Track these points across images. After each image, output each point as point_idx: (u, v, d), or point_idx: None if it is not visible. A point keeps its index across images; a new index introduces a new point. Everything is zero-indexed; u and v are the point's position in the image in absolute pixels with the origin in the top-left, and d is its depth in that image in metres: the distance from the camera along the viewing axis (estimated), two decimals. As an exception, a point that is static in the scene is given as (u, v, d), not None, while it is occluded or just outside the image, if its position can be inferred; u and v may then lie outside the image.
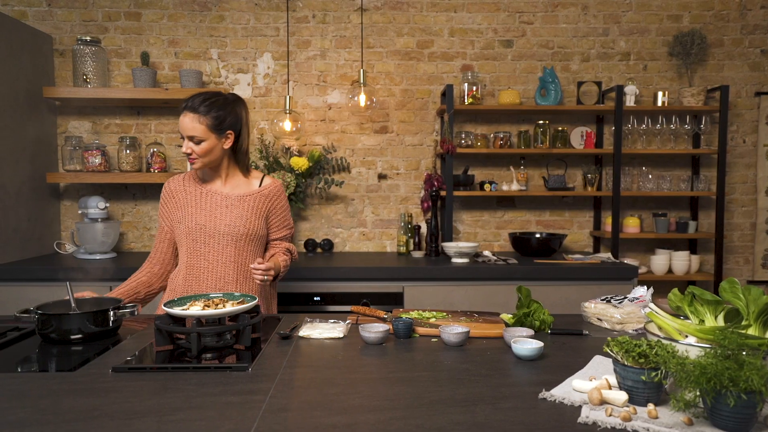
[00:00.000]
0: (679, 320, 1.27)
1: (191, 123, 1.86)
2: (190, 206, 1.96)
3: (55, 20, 3.43)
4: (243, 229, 1.94)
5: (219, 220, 1.93)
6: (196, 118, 1.86)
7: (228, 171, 2.00)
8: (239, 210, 1.96)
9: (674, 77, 3.59)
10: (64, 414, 1.06)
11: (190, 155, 1.89)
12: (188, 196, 1.98)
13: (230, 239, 1.93)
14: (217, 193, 1.97)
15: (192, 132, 1.86)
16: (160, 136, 3.50)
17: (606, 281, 2.93)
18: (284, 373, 1.29)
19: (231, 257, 1.94)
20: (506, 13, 3.54)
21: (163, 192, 2.04)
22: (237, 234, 1.93)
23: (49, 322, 1.52)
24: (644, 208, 3.64)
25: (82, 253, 3.17)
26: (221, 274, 1.93)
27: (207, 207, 1.95)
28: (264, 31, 3.50)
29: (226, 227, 1.93)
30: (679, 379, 0.99)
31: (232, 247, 1.94)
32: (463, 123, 3.58)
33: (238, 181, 2.02)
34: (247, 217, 1.96)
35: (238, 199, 1.97)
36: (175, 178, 2.05)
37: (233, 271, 1.94)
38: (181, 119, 1.88)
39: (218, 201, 1.96)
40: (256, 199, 2.00)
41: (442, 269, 2.93)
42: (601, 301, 1.77)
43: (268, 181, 2.06)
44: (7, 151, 2.93)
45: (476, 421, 1.03)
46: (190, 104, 1.87)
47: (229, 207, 1.95)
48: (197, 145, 1.88)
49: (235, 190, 1.99)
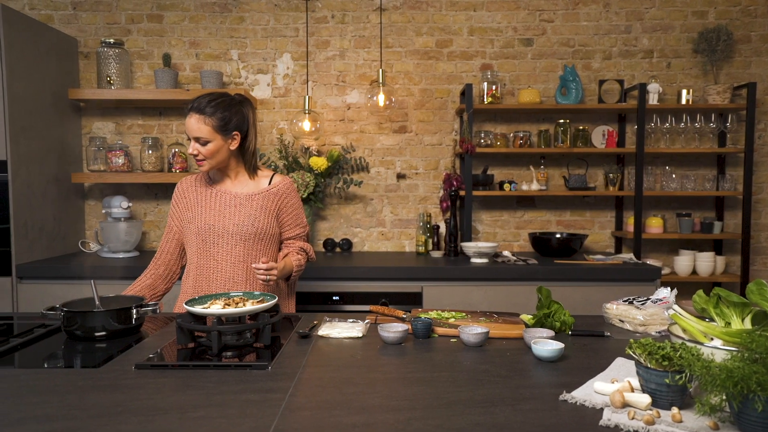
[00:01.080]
0: (705, 322, 1.24)
1: (197, 124, 1.85)
2: (200, 206, 1.96)
3: (80, 23, 3.50)
4: (251, 228, 1.93)
5: (228, 219, 1.93)
6: (202, 119, 1.85)
7: (236, 171, 2.00)
8: (248, 209, 1.95)
9: (699, 74, 3.53)
10: (89, 409, 1.08)
11: (197, 156, 1.89)
12: (198, 197, 1.99)
13: (239, 239, 1.93)
14: (226, 192, 1.97)
15: (198, 133, 1.85)
16: (182, 136, 3.55)
17: (628, 282, 2.89)
18: (303, 372, 1.30)
19: (240, 257, 1.94)
20: (526, 12, 3.51)
21: (174, 192, 2.06)
22: (245, 233, 1.93)
23: (74, 319, 1.55)
24: (667, 208, 3.58)
25: (105, 252, 3.23)
26: (230, 274, 1.93)
27: (216, 207, 1.95)
28: (283, 32, 3.52)
29: (235, 227, 1.93)
30: (704, 383, 0.98)
31: (241, 247, 1.93)
32: (483, 122, 3.56)
33: (247, 180, 2.01)
34: (256, 216, 1.95)
35: (246, 198, 1.97)
36: (187, 178, 2.06)
37: (242, 270, 1.94)
38: (187, 120, 1.87)
39: (227, 201, 1.96)
40: (265, 198, 1.99)
41: (462, 269, 2.91)
42: (623, 302, 1.74)
43: (277, 179, 2.04)
44: (34, 152, 3.00)
45: (496, 422, 1.02)
46: (196, 105, 1.87)
47: (237, 206, 1.95)
48: (203, 146, 1.87)
49: (244, 190, 1.99)
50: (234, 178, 2.00)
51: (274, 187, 2.02)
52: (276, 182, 2.03)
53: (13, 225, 2.83)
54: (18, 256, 2.85)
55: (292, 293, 2.14)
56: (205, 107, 1.86)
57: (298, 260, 2.04)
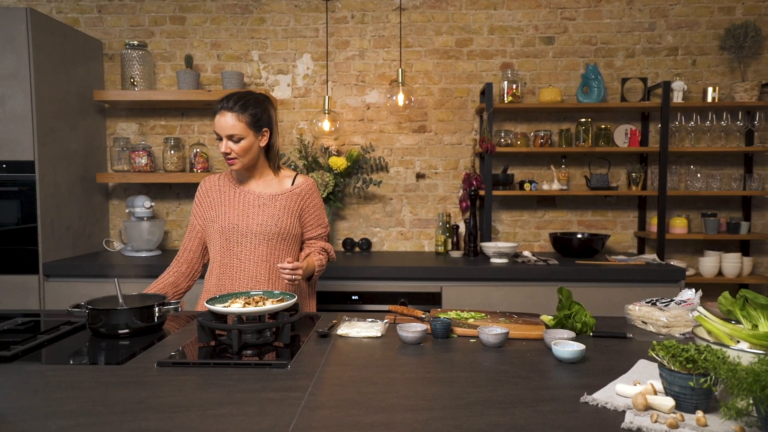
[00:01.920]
0: (731, 325, 1.22)
1: (231, 121, 1.87)
2: (223, 205, 1.98)
3: (105, 26, 3.56)
4: (275, 228, 1.95)
5: (251, 219, 1.95)
6: (235, 116, 1.87)
7: (262, 171, 2.02)
8: (271, 209, 1.97)
9: (725, 72, 3.45)
10: (112, 406, 1.10)
11: (229, 155, 1.90)
12: (222, 196, 2.00)
13: (262, 238, 1.94)
14: (250, 192, 1.99)
15: (232, 130, 1.87)
16: (203, 136, 3.59)
17: (651, 283, 2.84)
18: (322, 371, 1.30)
19: (263, 256, 1.95)
20: (547, 10, 3.48)
21: (198, 191, 2.07)
22: (269, 233, 1.94)
23: (99, 317, 1.58)
24: (692, 208, 3.51)
25: (129, 251, 3.28)
26: (253, 273, 1.94)
27: (240, 206, 1.97)
28: (303, 32, 3.54)
29: (258, 226, 1.94)
30: (730, 386, 0.96)
31: (264, 246, 1.95)
32: (503, 122, 3.54)
33: (271, 180, 2.03)
34: (279, 216, 1.96)
35: (270, 198, 1.98)
36: (211, 177, 2.08)
37: (265, 270, 1.95)
38: (218, 119, 1.89)
39: (251, 200, 1.98)
40: (288, 198, 2.00)
41: (481, 269, 2.90)
42: (646, 303, 1.72)
43: (300, 179, 2.06)
44: (60, 152, 3.06)
45: (515, 423, 1.01)
46: (227, 104, 1.88)
47: (261, 206, 1.97)
48: (236, 144, 1.89)
49: (268, 189, 2.01)
50: (259, 177, 2.02)
51: (297, 187, 2.03)
52: (299, 182, 2.04)
53: (41, 224, 2.89)
54: (45, 254, 2.92)
55: (313, 293, 2.16)
56: (235, 105, 1.88)
57: (320, 260, 2.05)
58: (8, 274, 2.89)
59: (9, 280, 2.89)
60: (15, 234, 2.88)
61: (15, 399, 1.13)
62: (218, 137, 1.92)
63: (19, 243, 2.88)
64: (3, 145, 2.84)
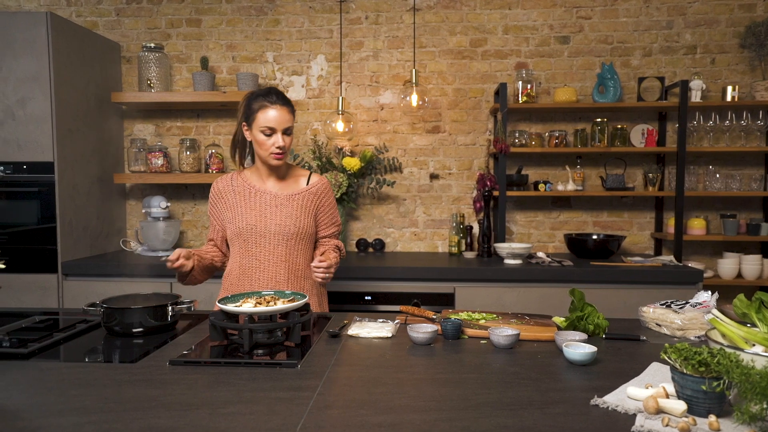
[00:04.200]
0: (746, 328, 1.20)
1: (288, 114, 1.90)
2: (239, 206, 1.98)
3: (123, 29, 3.61)
4: (293, 228, 1.96)
5: (269, 219, 1.95)
6: (287, 109, 1.90)
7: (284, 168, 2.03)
8: (289, 209, 1.97)
9: (746, 71, 3.39)
10: (125, 403, 1.11)
11: (281, 149, 1.89)
12: (237, 197, 2.00)
13: (281, 239, 1.95)
14: (266, 192, 1.99)
15: (288, 123, 1.90)
16: (218, 137, 3.62)
17: (668, 285, 2.80)
18: (332, 371, 1.31)
19: (282, 256, 1.96)
20: (563, 9, 3.45)
21: (211, 192, 2.06)
22: (288, 233, 1.95)
23: (113, 315, 1.60)
24: (711, 209, 3.46)
25: (145, 251, 3.32)
26: (273, 274, 1.95)
27: (257, 207, 1.97)
28: (318, 34, 3.55)
29: (277, 227, 1.95)
30: (743, 391, 0.94)
31: (283, 247, 1.96)
32: (517, 122, 3.51)
33: (288, 179, 2.04)
34: (297, 215, 1.97)
35: (287, 198, 1.99)
36: (223, 178, 2.07)
37: (285, 270, 1.96)
38: (270, 114, 1.87)
39: (267, 200, 1.98)
40: (305, 198, 2.01)
41: (495, 270, 2.88)
42: (660, 305, 1.69)
43: (315, 178, 2.07)
44: (79, 153, 3.11)
45: (524, 425, 1.01)
46: (277, 98, 1.89)
47: (278, 206, 1.97)
48: (288, 137, 1.91)
49: (284, 189, 2.01)
50: (279, 175, 2.02)
51: (312, 186, 2.04)
52: (314, 182, 2.05)
53: (59, 224, 2.94)
54: (63, 254, 2.97)
55: (324, 293, 2.16)
56: (284, 98, 1.91)
57: (335, 258, 2.05)
58: (28, 272, 2.94)
59: (29, 279, 2.94)
60: (35, 234, 2.94)
61: (30, 395, 1.16)
62: (267, 133, 1.89)
63: (39, 242, 2.94)
64: (23, 146, 2.90)
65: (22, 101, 2.88)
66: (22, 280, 2.94)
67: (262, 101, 1.89)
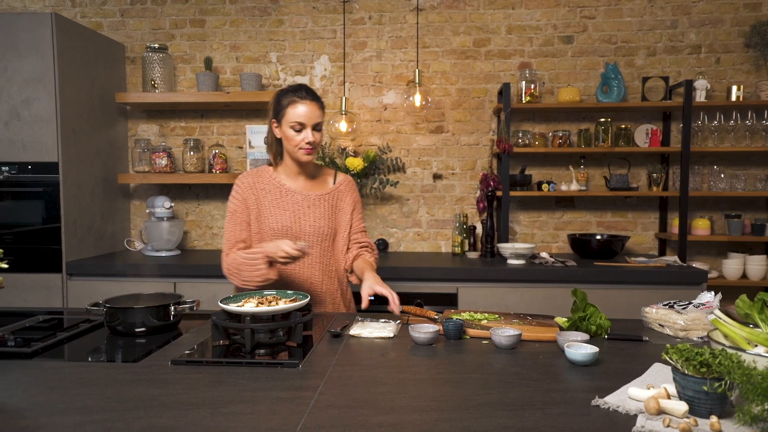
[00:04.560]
0: (748, 328, 1.19)
1: (318, 110, 1.87)
2: (272, 206, 1.93)
3: (128, 29, 3.63)
4: (327, 229, 1.94)
5: (303, 221, 1.92)
6: (317, 105, 1.87)
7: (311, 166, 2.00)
8: (321, 209, 1.95)
9: (751, 70, 3.38)
10: (126, 402, 1.12)
11: (311, 145, 1.86)
12: (267, 195, 1.95)
13: (315, 240, 1.92)
14: (297, 192, 1.95)
15: (318, 118, 1.87)
16: (222, 138, 3.63)
17: (672, 286, 2.79)
18: (333, 371, 1.31)
19: (316, 258, 1.93)
20: (566, 9, 3.44)
21: (239, 187, 1.96)
22: (322, 234, 1.93)
23: (116, 315, 1.61)
24: (715, 209, 3.44)
25: (149, 251, 3.33)
26: (307, 275, 1.93)
27: (290, 207, 1.93)
28: (321, 34, 3.56)
29: (311, 228, 1.92)
30: (745, 391, 0.94)
31: (317, 248, 1.93)
32: (521, 122, 3.51)
33: (316, 177, 2.01)
34: (329, 216, 1.96)
35: (317, 198, 1.96)
36: (249, 173, 1.99)
37: (319, 272, 1.95)
38: (300, 109, 1.84)
39: (299, 201, 1.94)
40: (334, 197, 1.99)
41: (498, 270, 2.88)
42: (663, 306, 1.69)
43: (341, 177, 2.06)
44: (83, 154, 3.13)
45: (524, 425, 1.01)
46: (306, 94, 1.86)
47: (310, 207, 1.94)
48: (318, 132, 1.88)
49: (314, 189, 1.98)
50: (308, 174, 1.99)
51: (340, 185, 2.03)
52: (341, 180, 2.04)
53: (64, 224, 2.96)
54: (68, 253, 2.98)
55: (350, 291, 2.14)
56: (314, 94, 1.88)
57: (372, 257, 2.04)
58: (33, 272, 2.96)
59: (34, 279, 2.96)
60: (39, 233, 2.96)
61: (33, 395, 1.16)
62: (297, 129, 1.86)
63: (44, 242, 2.95)
64: (28, 146, 2.91)
65: (27, 102, 2.89)
66: (27, 280, 2.95)
67: (291, 97, 1.86)
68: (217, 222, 3.66)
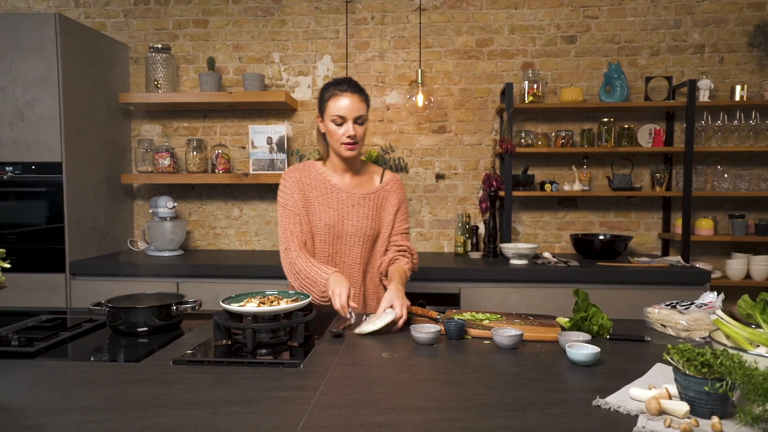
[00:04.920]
0: (750, 329, 1.19)
1: (359, 103, 1.82)
2: (317, 202, 1.91)
3: (131, 30, 3.64)
4: (370, 230, 1.91)
5: (346, 220, 1.90)
6: (360, 98, 1.83)
7: (357, 162, 1.97)
8: (365, 209, 1.92)
9: (755, 70, 3.36)
10: (127, 402, 1.12)
11: (352, 139, 1.82)
12: (313, 190, 1.92)
13: (357, 240, 1.89)
14: (342, 190, 1.93)
15: (360, 111, 1.82)
16: (225, 138, 3.64)
17: (675, 286, 2.79)
18: (334, 371, 1.31)
19: (357, 258, 1.91)
20: (569, 8, 3.44)
21: (287, 181, 1.93)
22: (364, 234, 1.90)
23: (119, 315, 1.62)
24: (719, 209, 3.43)
25: (152, 250, 3.34)
26: (348, 275, 1.91)
27: (334, 205, 1.90)
28: (324, 34, 3.56)
29: (353, 227, 1.90)
30: (746, 392, 0.93)
31: (359, 248, 1.91)
32: (523, 122, 3.50)
33: (362, 175, 1.98)
34: (373, 216, 1.93)
35: (362, 197, 1.93)
36: (296, 167, 1.96)
37: (359, 273, 1.93)
38: (341, 102, 1.81)
39: (344, 199, 1.91)
40: (380, 197, 1.96)
41: (500, 270, 2.88)
42: (665, 306, 1.68)
43: (388, 176, 2.01)
44: (86, 154, 3.14)
45: (524, 425, 1.00)
46: (348, 87, 1.83)
47: (354, 206, 1.91)
48: (361, 126, 1.84)
49: (359, 187, 1.95)
50: (354, 170, 1.95)
51: (386, 184, 1.99)
52: (387, 180, 2.00)
53: (67, 224, 2.97)
54: (71, 253, 2.99)
55: None
56: (356, 87, 1.84)
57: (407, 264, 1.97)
58: (37, 272, 2.97)
59: (37, 279, 2.97)
60: (43, 233, 2.97)
61: (35, 394, 1.17)
62: (338, 123, 1.83)
63: (47, 242, 2.97)
64: (32, 146, 2.93)
65: (31, 102, 2.90)
66: (31, 280, 2.96)
67: (333, 90, 1.84)
68: (220, 222, 3.67)
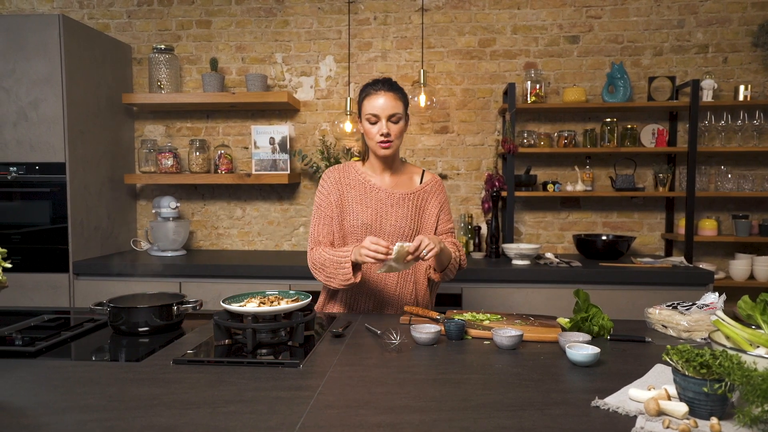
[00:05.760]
0: (750, 329, 1.18)
1: (393, 101, 1.83)
2: (355, 201, 1.91)
3: (134, 30, 3.65)
4: (408, 230, 1.90)
5: (384, 219, 1.89)
6: (395, 96, 1.84)
7: (396, 162, 1.97)
8: (404, 209, 1.91)
9: (759, 69, 3.35)
10: (127, 401, 1.13)
11: (387, 137, 1.83)
12: (351, 190, 1.93)
13: (394, 240, 1.88)
14: (381, 189, 1.93)
15: (394, 109, 1.83)
16: (228, 138, 3.65)
17: (678, 286, 2.78)
18: (334, 371, 1.31)
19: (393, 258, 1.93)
20: (572, 8, 3.43)
21: (325, 182, 1.95)
22: (402, 234, 1.89)
23: (120, 314, 1.62)
24: (722, 209, 3.42)
25: (155, 251, 3.35)
26: (383, 275, 1.90)
27: (372, 204, 1.90)
28: (326, 34, 3.56)
29: (392, 227, 1.89)
30: (745, 393, 0.93)
31: None
32: (526, 122, 3.50)
33: (401, 175, 1.98)
34: (412, 216, 1.92)
35: (401, 197, 1.92)
36: (336, 168, 1.98)
37: (395, 274, 1.91)
38: (375, 101, 1.83)
39: (383, 198, 1.91)
40: (419, 197, 1.95)
41: (502, 271, 2.87)
42: (666, 307, 1.68)
43: (428, 177, 2.01)
44: (90, 154, 3.15)
45: (523, 426, 1.00)
46: (383, 86, 1.84)
47: (393, 205, 1.91)
48: (396, 125, 1.84)
49: (399, 187, 1.94)
50: (393, 170, 1.95)
51: (427, 185, 1.98)
52: (428, 180, 2.00)
53: (71, 224, 2.98)
54: (75, 253, 3.01)
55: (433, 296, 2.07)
56: (392, 85, 1.85)
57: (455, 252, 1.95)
58: (40, 272, 2.98)
59: (41, 278, 2.98)
60: (46, 233, 2.98)
61: (36, 393, 1.17)
62: (372, 121, 1.84)
63: (51, 242, 2.98)
64: (36, 147, 2.94)
65: (35, 103, 2.92)
66: (34, 280, 2.98)
67: (367, 90, 1.86)
68: (223, 222, 3.68)
